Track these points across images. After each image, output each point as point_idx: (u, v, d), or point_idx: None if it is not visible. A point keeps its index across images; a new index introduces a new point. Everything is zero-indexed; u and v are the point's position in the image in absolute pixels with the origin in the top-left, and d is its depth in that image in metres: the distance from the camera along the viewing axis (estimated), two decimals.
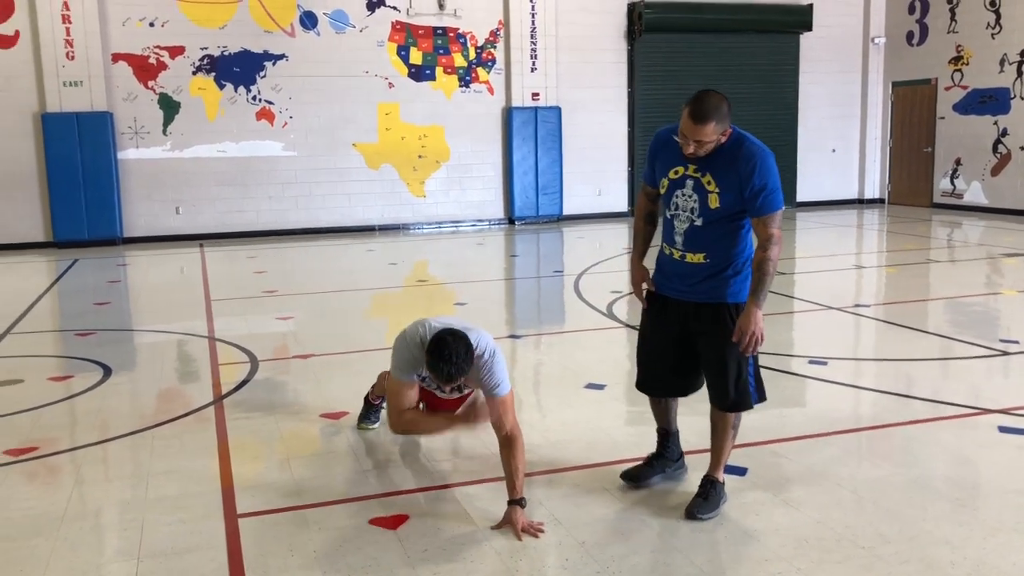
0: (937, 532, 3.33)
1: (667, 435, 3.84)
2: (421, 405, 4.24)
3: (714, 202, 3.36)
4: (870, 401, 5.11)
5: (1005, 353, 5.92)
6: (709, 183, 3.37)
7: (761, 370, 3.62)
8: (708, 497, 3.52)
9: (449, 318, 3.77)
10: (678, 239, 3.48)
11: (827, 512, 3.52)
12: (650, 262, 3.75)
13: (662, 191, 3.55)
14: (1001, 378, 5.51)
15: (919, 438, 4.37)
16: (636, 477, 3.77)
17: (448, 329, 3.48)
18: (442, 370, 3.38)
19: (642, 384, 3.78)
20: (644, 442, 4.24)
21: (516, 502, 3.47)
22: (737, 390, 3.49)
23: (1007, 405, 4.78)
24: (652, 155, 3.61)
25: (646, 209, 3.77)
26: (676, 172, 3.47)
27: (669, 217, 3.53)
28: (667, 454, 3.83)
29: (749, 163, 3.29)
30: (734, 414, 3.55)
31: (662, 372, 3.68)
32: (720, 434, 3.59)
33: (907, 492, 3.70)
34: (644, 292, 3.73)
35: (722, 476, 3.59)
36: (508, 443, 3.53)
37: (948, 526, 3.37)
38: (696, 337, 3.53)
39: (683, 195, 3.44)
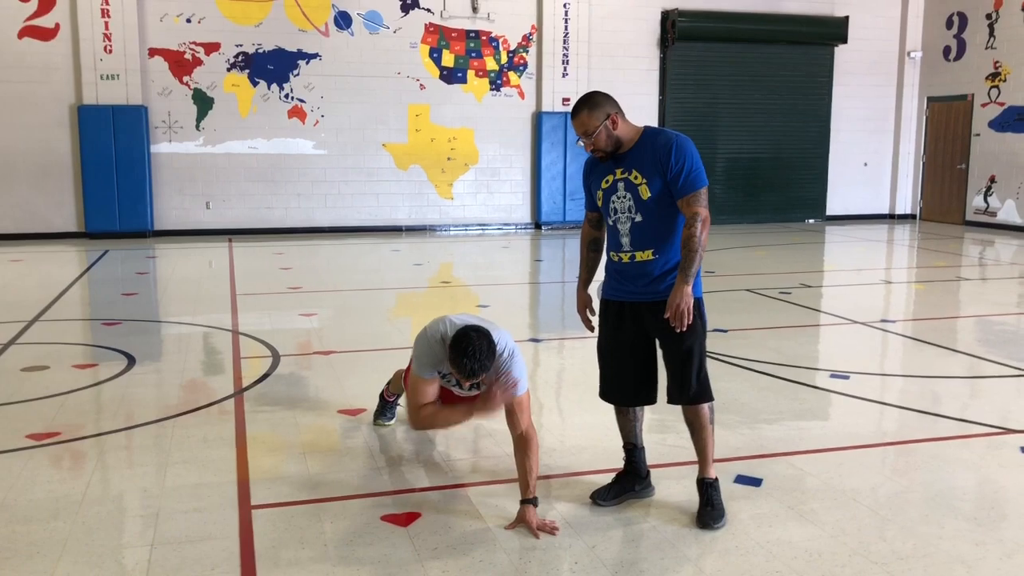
0: (953, 551, 3.28)
1: (634, 450, 3.81)
2: (438, 402, 4.27)
3: (645, 193, 3.46)
4: (891, 417, 5.06)
5: None
6: (636, 177, 3.48)
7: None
8: (713, 503, 3.54)
9: (470, 316, 3.78)
10: (624, 240, 3.55)
11: (842, 526, 3.49)
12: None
13: (600, 204, 3.64)
14: None
15: (940, 456, 4.32)
16: (606, 497, 3.73)
17: (471, 326, 3.49)
18: (465, 366, 3.38)
19: (606, 394, 3.79)
20: (659, 449, 4.24)
21: (529, 501, 3.48)
22: (699, 380, 3.53)
23: None
24: (585, 180, 3.76)
25: (590, 236, 3.86)
26: (607, 181, 3.58)
27: (611, 224, 3.60)
28: (636, 470, 3.79)
29: (666, 147, 3.42)
30: (707, 409, 3.57)
31: (626, 381, 3.69)
32: (700, 432, 3.60)
33: (925, 509, 3.66)
34: (589, 314, 3.81)
35: (712, 472, 3.62)
36: (522, 443, 3.54)
37: (964, 545, 3.33)
38: (656, 337, 3.57)
39: (618, 198, 3.54)
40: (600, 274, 3.84)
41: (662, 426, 4.54)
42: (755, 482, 3.90)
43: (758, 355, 6.14)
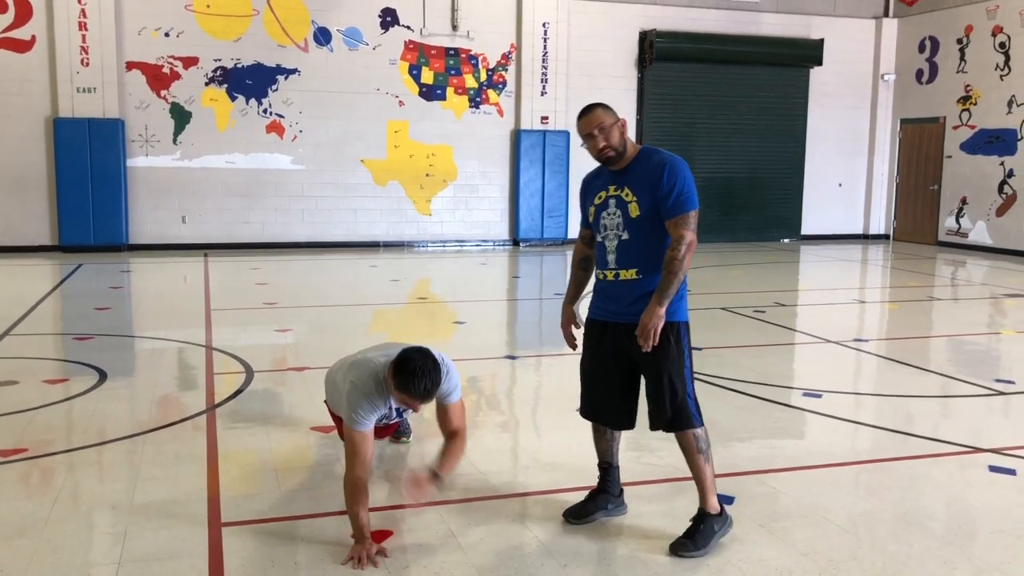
0: (922, 570, 3.31)
1: (609, 468, 3.78)
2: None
3: (634, 211, 3.46)
4: (863, 436, 5.10)
5: (1001, 393, 5.90)
6: (627, 195, 3.49)
7: (695, 392, 3.56)
8: (695, 533, 3.45)
9: (377, 347, 3.76)
10: (610, 258, 3.54)
11: (812, 544, 3.50)
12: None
13: (591, 220, 3.64)
14: (995, 417, 5.49)
15: (911, 474, 4.36)
16: (578, 514, 3.71)
17: (412, 348, 3.46)
18: (419, 387, 3.34)
19: (586, 412, 3.75)
20: (634, 467, 4.23)
21: (438, 476, 3.50)
22: (673, 407, 3.46)
23: (999, 445, 4.76)
24: (582, 197, 3.75)
25: (581, 254, 3.84)
26: (599, 197, 3.59)
27: (600, 241, 3.59)
28: (609, 489, 3.77)
29: (659, 167, 3.43)
30: (691, 436, 3.49)
31: (606, 401, 3.65)
32: (689, 460, 3.53)
33: (895, 528, 3.68)
34: (574, 333, 3.80)
35: (713, 506, 3.51)
36: (453, 435, 3.68)
37: (933, 564, 3.36)
38: (635, 358, 3.52)
39: (608, 214, 3.54)
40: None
41: (636, 444, 4.54)
42: (727, 500, 3.91)
43: (732, 373, 6.17)
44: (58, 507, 3.78)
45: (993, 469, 4.40)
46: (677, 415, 3.47)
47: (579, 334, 3.80)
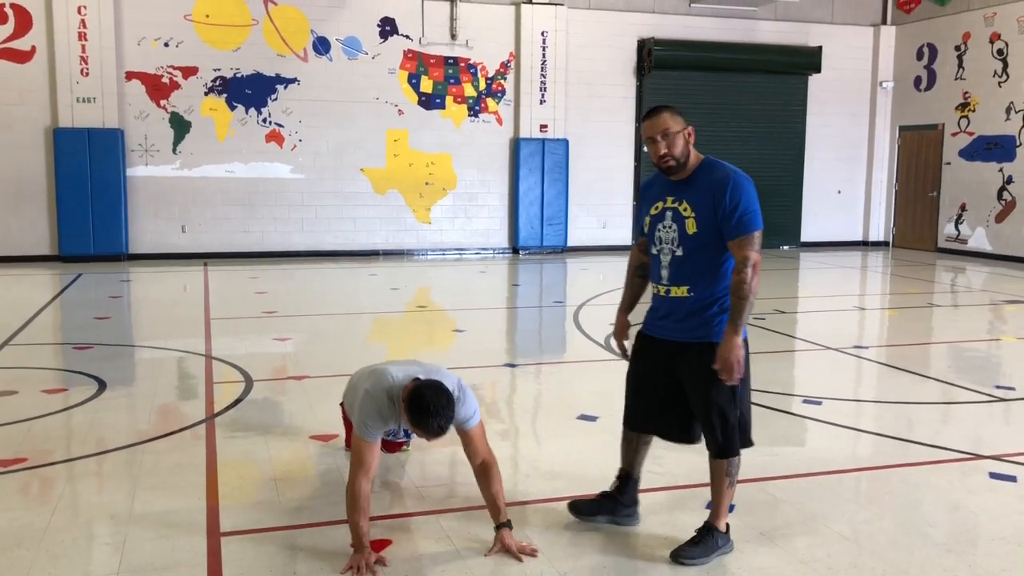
0: None
1: (627, 479, 3.73)
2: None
3: (691, 227, 3.34)
4: (863, 442, 5.09)
5: (1001, 399, 5.90)
6: (686, 210, 3.36)
7: (750, 414, 3.52)
8: (699, 543, 3.42)
9: (404, 364, 3.69)
10: (663, 273, 3.46)
11: (813, 552, 3.49)
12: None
13: (647, 231, 3.53)
14: (995, 424, 5.49)
15: (910, 481, 4.35)
16: (581, 510, 3.69)
17: (424, 382, 3.40)
18: (432, 425, 3.30)
19: (629, 420, 3.70)
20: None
21: (504, 525, 3.46)
22: (725, 435, 3.39)
23: (1000, 451, 4.76)
24: (640, 203, 3.64)
25: (637, 261, 3.71)
26: (656, 208, 3.48)
27: (655, 253, 3.50)
28: (621, 498, 3.72)
29: (722, 183, 3.29)
30: (727, 461, 3.44)
31: (656, 412, 3.58)
32: (714, 480, 3.49)
33: (895, 535, 3.67)
34: (624, 344, 3.74)
35: (723, 524, 3.48)
36: (484, 471, 3.54)
37: (934, 571, 3.35)
38: (682, 379, 3.45)
39: (664, 227, 3.44)
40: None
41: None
42: (728, 508, 3.89)
43: None
44: (57, 517, 3.77)
45: (994, 476, 4.40)
46: (728, 443, 3.40)
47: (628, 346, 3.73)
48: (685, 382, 3.45)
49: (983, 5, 14.61)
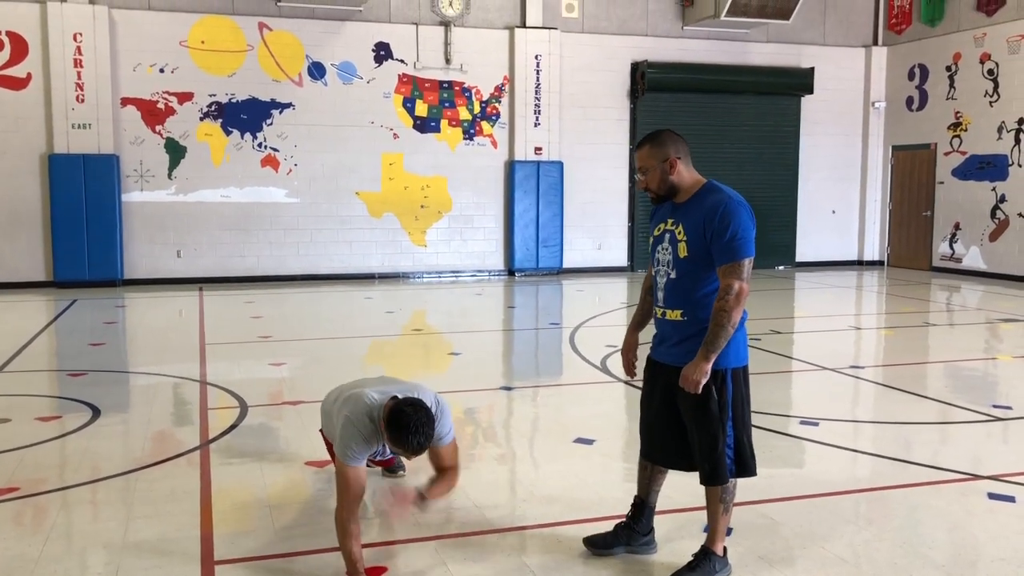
0: None
1: (643, 507, 3.71)
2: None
3: (683, 251, 3.35)
4: (861, 464, 5.07)
5: (998, 419, 5.88)
6: (680, 232, 3.37)
7: (749, 443, 3.48)
8: (696, 567, 3.41)
9: (377, 383, 3.72)
10: (660, 295, 3.48)
11: (810, 575, 3.47)
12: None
13: (650, 251, 3.57)
14: (993, 444, 5.47)
15: (908, 502, 4.33)
16: (598, 544, 3.67)
17: (403, 400, 3.41)
18: (411, 442, 3.31)
19: (644, 452, 3.68)
20: (629, 500, 4.19)
21: (422, 496, 3.61)
22: (711, 461, 3.37)
23: (998, 471, 4.74)
24: (651, 226, 3.65)
25: (649, 282, 3.70)
26: (658, 229, 3.52)
27: (654, 275, 3.53)
28: (637, 527, 3.69)
29: (714, 208, 3.28)
30: (723, 489, 3.42)
31: (659, 440, 3.58)
32: (709, 505, 3.48)
33: (894, 557, 3.65)
34: (633, 361, 3.73)
35: (720, 548, 3.47)
36: (448, 472, 3.71)
37: None
38: (679, 404, 3.44)
39: (662, 249, 3.46)
40: None
41: (632, 475, 4.50)
42: (725, 532, 3.87)
43: None
44: (49, 546, 3.74)
45: (992, 496, 4.38)
46: (713, 470, 3.38)
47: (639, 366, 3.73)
48: (681, 407, 3.45)
49: (973, 26, 14.74)
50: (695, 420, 3.37)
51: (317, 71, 13.79)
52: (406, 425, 3.28)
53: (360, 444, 3.47)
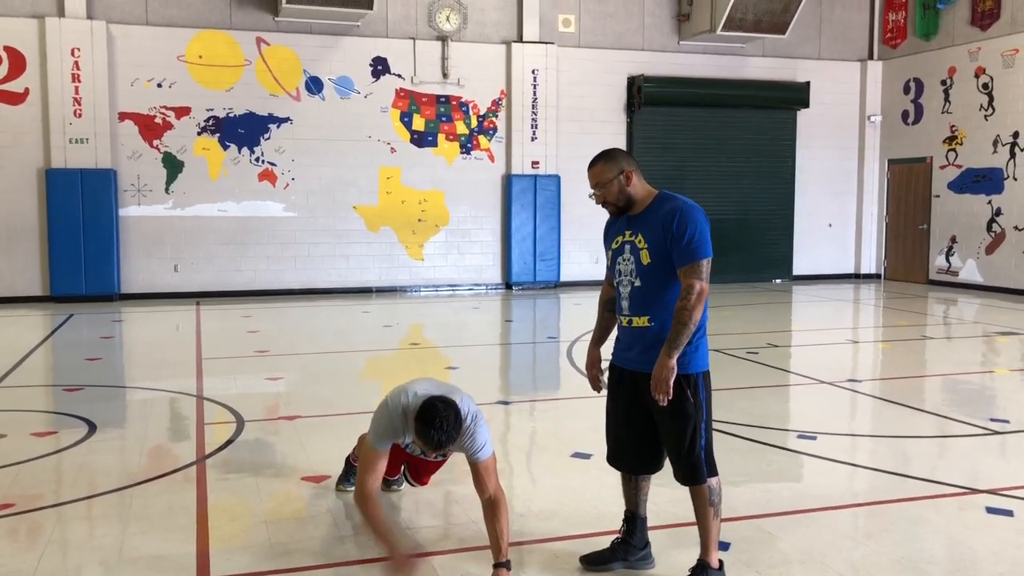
0: None
1: (634, 519, 3.73)
2: (403, 467, 4.27)
3: (645, 258, 3.44)
4: (859, 478, 5.06)
5: (996, 432, 5.88)
6: (640, 241, 3.47)
7: (711, 444, 3.52)
8: None
9: (431, 383, 3.75)
10: (624, 304, 3.54)
11: None
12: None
13: (609, 264, 3.65)
14: (991, 458, 5.46)
15: (908, 517, 4.32)
16: (595, 561, 3.67)
17: (438, 396, 3.46)
18: (432, 438, 3.34)
19: (611, 458, 3.75)
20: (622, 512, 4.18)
21: (502, 565, 3.43)
22: (688, 463, 3.43)
23: (996, 485, 4.74)
24: (605, 240, 3.74)
25: (607, 296, 3.80)
26: (616, 242, 3.60)
27: (617, 286, 3.60)
28: (632, 541, 3.70)
29: (671, 214, 3.40)
30: (705, 489, 3.46)
31: (627, 446, 3.64)
32: (698, 512, 3.50)
33: (893, 571, 3.64)
34: (598, 375, 3.79)
35: (715, 559, 3.48)
36: (491, 506, 3.51)
37: None
38: (650, 409, 3.49)
39: (623, 260, 3.54)
40: None
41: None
42: (723, 546, 3.86)
43: (726, 416, 6.14)
44: (45, 563, 3.72)
45: (991, 510, 4.37)
46: (692, 471, 3.44)
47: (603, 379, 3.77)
48: (654, 412, 3.49)
49: (967, 40, 14.81)
50: (673, 423, 3.42)
51: (315, 86, 13.83)
52: (432, 419, 3.34)
53: (386, 429, 3.59)
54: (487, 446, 3.54)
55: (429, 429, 3.33)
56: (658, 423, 3.49)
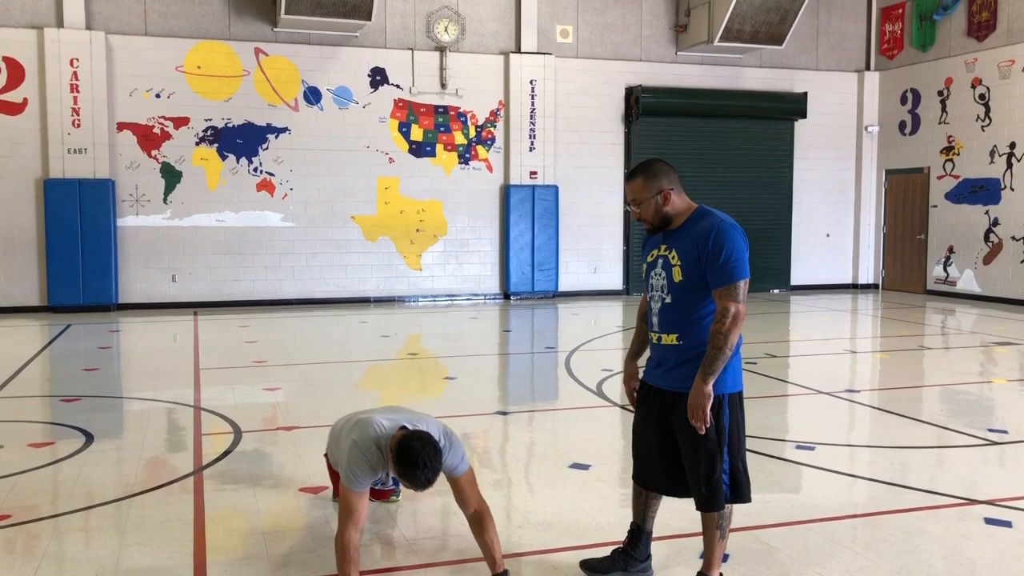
0: None
1: (639, 533, 3.70)
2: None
3: (677, 275, 3.36)
4: (857, 488, 5.05)
5: (994, 443, 5.88)
6: (673, 257, 3.39)
7: (744, 469, 3.47)
8: None
9: (386, 410, 3.70)
10: (655, 320, 3.49)
11: None
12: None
13: (644, 278, 3.59)
14: (990, 468, 5.46)
15: (908, 528, 4.31)
16: (595, 568, 3.65)
17: (413, 434, 3.39)
18: (419, 478, 3.30)
19: (637, 476, 3.68)
20: (625, 526, 4.17)
21: (501, 575, 3.40)
22: (708, 487, 3.36)
23: (995, 496, 4.73)
24: (642, 253, 3.66)
25: (645, 308, 3.71)
26: (651, 256, 3.53)
27: (649, 300, 3.54)
28: (634, 553, 3.68)
29: (706, 232, 3.30)
30: (719, 516, 3.40)
31: (653, 465, 3.57)
32: (706, 532, 3.46)
33: None
34: (633, 390, 3.71)
35: (716, 574, 3.46)
36: (478, 519, 3.50)
37: None
38: (675, 429, 3.44)
39: (656, 275, 3.47)
40: None
41: (627, 501, 4.48)
42: (722, 559, 3.85)
43: None
44: (41, 574, 3.70)
45: (989, 521, 4.36)
46: (710, 497, 3.37)
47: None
48: (677, 433, 3.44)
49: (964, 51, 14.87)
50: (693, 446, 3.36)
51: (313, 96, 13.86)
52: (414, 461, 3.27)
53: (365, 470, 3.47)
54: (464, 460, 3.55)
55: (414, 471, 3.28)
56: (680, 445, 3.43)
